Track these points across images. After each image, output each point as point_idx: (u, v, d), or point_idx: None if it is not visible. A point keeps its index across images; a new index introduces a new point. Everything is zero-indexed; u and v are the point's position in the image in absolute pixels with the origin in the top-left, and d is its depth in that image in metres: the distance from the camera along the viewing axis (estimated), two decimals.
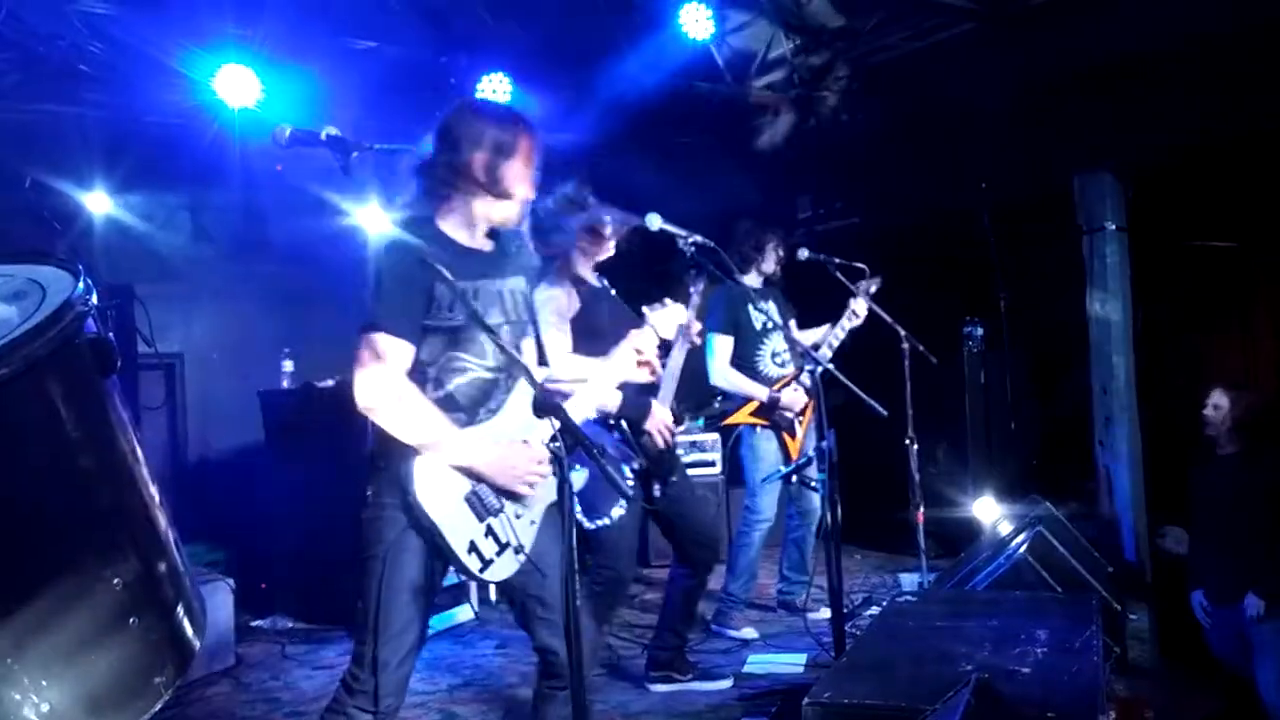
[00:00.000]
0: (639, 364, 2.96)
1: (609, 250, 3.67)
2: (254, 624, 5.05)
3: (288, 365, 5.46)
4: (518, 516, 2.36)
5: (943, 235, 6.21)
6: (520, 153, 2.38)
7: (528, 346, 2.54)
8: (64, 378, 1.14)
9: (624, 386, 3.47)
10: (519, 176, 2.39)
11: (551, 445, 1.99)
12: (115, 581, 1.18)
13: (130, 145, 5.38)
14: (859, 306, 4.64)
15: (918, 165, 6.20)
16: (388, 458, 2.27)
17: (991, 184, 5.79)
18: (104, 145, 5.30)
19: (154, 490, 1.31)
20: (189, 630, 1.31)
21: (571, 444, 1.91)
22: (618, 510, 3.33)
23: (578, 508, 3.30)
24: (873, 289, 4.67)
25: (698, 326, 3.79)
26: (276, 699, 4.08)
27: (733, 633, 4.61)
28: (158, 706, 1.23)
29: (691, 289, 3.79)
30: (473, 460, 2.28)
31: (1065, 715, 2.15)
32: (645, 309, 3.02)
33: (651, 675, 3.93)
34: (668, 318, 3.07)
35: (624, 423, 3.49)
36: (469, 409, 2.34)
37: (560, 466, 1.88)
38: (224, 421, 5.95)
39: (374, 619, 2.25)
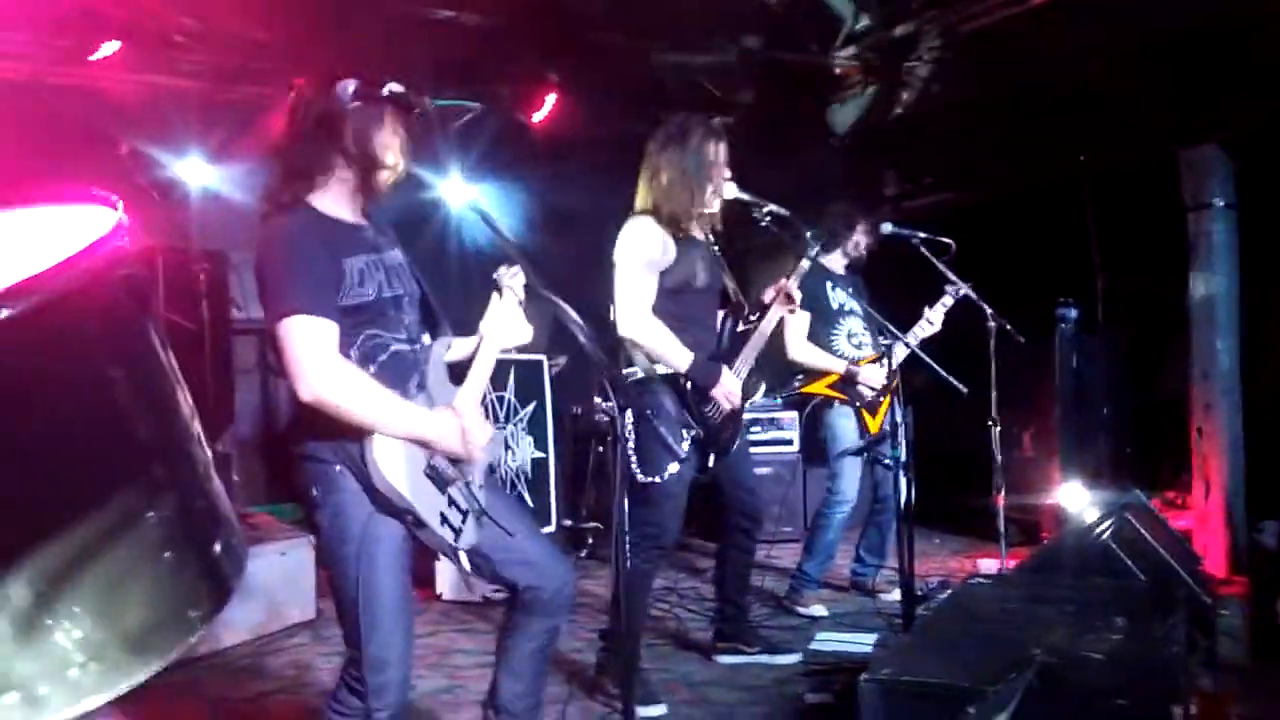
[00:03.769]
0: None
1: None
2: None
3: None
4: (468, 482, 2.34)
5: (1038, 212, 6.00)
6: (387, 120, 2.27)
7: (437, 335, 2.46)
8: (99, 308, 1.15)
9: (696, 351, 3.47)
10: (388, 145, 2.27)
11: (605, 405, 1.98)
12: (150, 514, 1.19)
13: (225, 114, 5.52)
14: (937, 313, 4.53)
15: (1012, 138, 5.97)
16: (335, 454, 2.18)
17: (1091, 158, 5.55)
18: (200, 114, 5.44)
19: (196, 428, 1.32)
20: (226, 568, 1.32)
21: (624, 404, 1.89)
22: (673, 466, 3.30)
23: (633, 459, 3.29)
24: (963, 291, 4.53)
25: (797, 296, 3.72)
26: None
27: (802, 610, 4.56)
28: (193, 639, 1.24)
29: (798, 258, 3.72)
30: (428, 432, 2.21)
31: (1137, 703, 2.06)
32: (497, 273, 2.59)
33: (719, 647, 3.91)
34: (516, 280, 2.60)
35: (689, 386, 3.44)
36: (397, 384, 2.24)
37: (614, 425, 1.86)
38: None
39: (361, 620, 2.18)
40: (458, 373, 2.44)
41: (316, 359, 2.10)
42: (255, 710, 3.55)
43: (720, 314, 3.69)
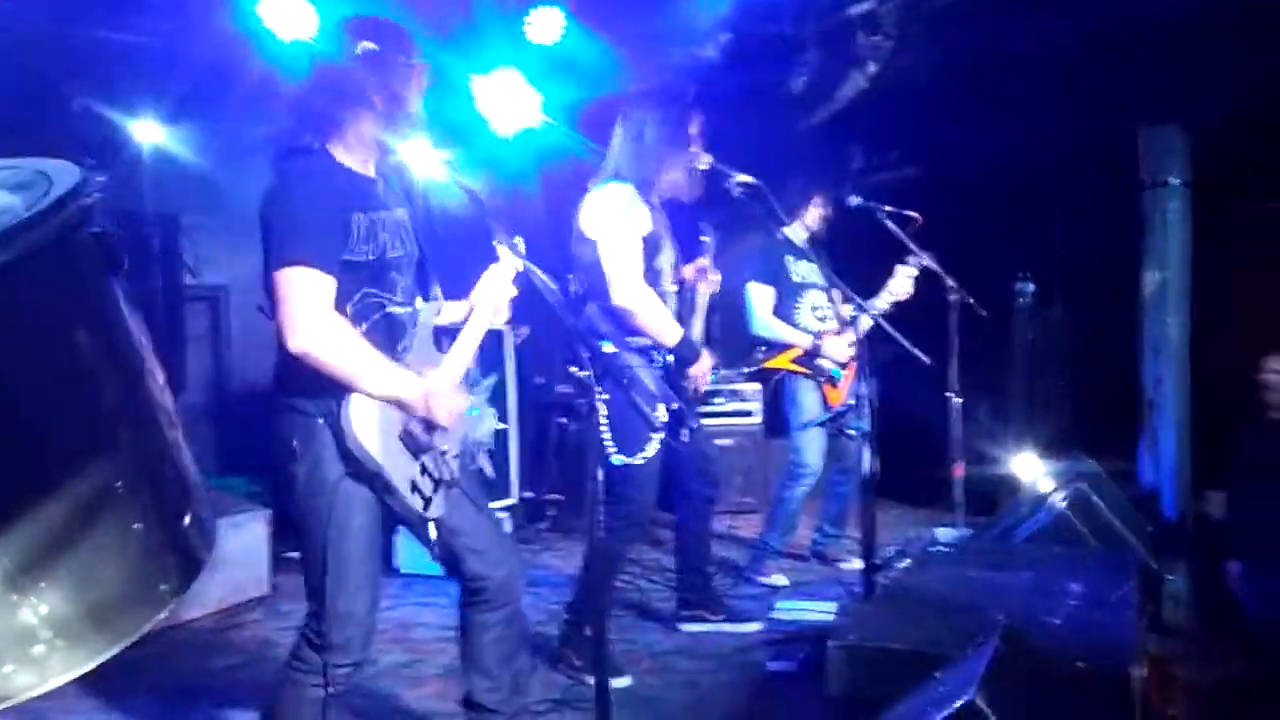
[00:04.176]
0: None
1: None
2: (288, 555, 5.14)
3: None
4: (443, 452, 2.33)
5: (1000, 188, 6.05)
6: (413, 73, 2.30)
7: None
8: (66, 269, 1.12)
9: (685, 325, 3.47)
10: (410, 97, 2.30)
11: (581, 373, 1.97)
12: (118, 484, 1.16)
13: (180, 74, 5.38)
14: (902, 281, 4.56)
15: (977, 115, 6.01)
16: (317, 407, 2.18)
17: (1053, 135, 5.61)
18: (153, 73, 5.29)
19: (165, 398, 1.29)
20: (196, 541, 1.29)
21: (601, 372, 1.88)
22: (650, 448, 3.31)
23: (610, 445, 3.29)
24: (924, 263, 4.57)
25: (716, 275, 3.76)
26: None
27: (763, 579, 4.61)
28: (163, 614, 1.21)
29: (702, 236, 3.76)
30: (407, 394, 2.21)
31: (1097, 666, 2.11)
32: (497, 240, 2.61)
33: (682, 615, 3.94)
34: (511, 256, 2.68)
35: (670, 359, 3.45)
36: (386, 346, 2.25)
37: (589, 395, 1.85)
38: (268, 355, 5.97)
39: (328, 572, 2.17)
40: (446, 339, 2.43)
41: (310, 312, 2.10)
42: (217, 687, 3.51)
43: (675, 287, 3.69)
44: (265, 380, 2.19)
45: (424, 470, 2.27)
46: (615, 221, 3.38)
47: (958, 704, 1.70)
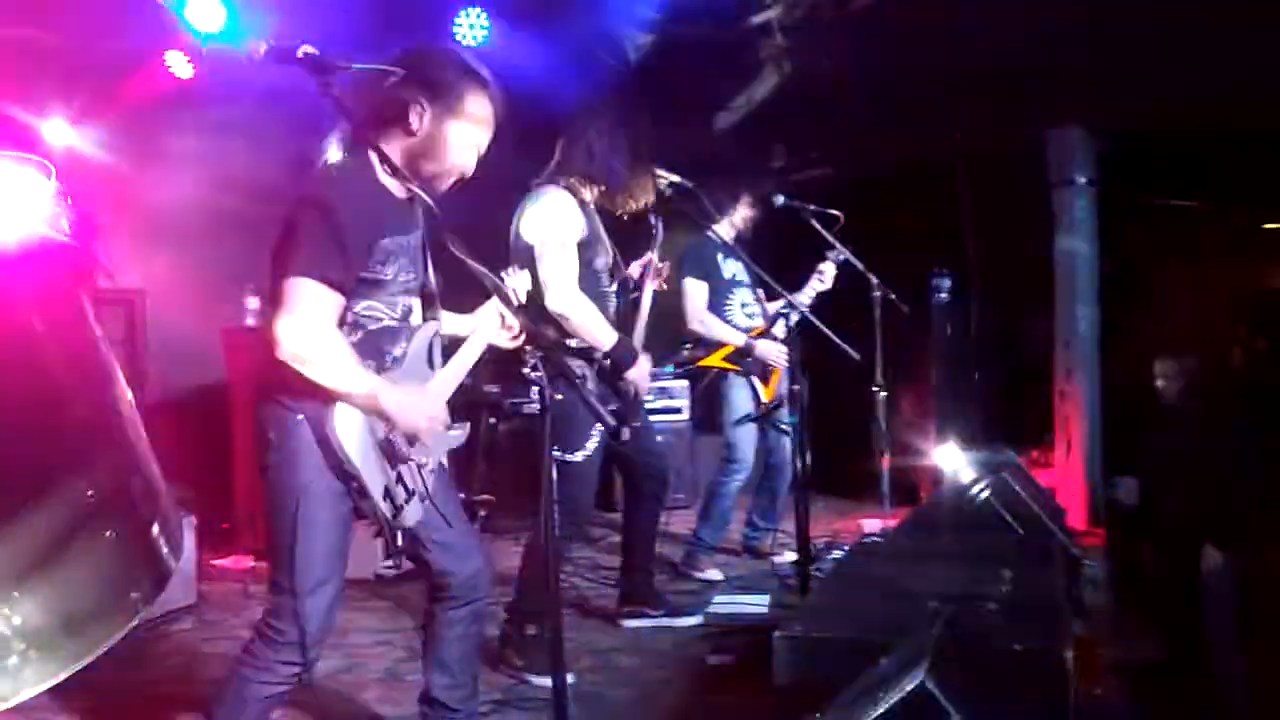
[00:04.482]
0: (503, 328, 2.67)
1: None
2: (214, 562, 5.03)
3: (252, 302, 5.36)
4: (421, 465, 2.36)
5: (916, 186, 6.22)
6: (482, 119, 2.33)
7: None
8: (35, 277, 1.10)
9: (629, 325, 3.50)
10: (469, 141, 2.32)
11: (533, 375, 1.99)
12: (89, 493, 1.15)
13: (90, 72, 5.21)
14: (825, 274, 4.67)
15: (894, 116, 6.18)
16: (299, 404, 2.19)
17: (966, 136, 5.79)
18: (62, 72, 5.12)
19: (131, 409, 1.27)
20: (165, 549, 1.28)
21: (554, 373, 1.90)
22: (590, 444, 3.34)
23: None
24: (842, 259, 4.68)
25: (664, 269, 3.80)
26: (240, 636, 4.05)
27: (698, 574, 4.67)
28: (135, 622, 1.20)
29: (654, 230, 3.81)
30: (390, 406, 2.22)
31: (1031, 648, 2.20)
32: (505, 274, 2.77)
33: (625, 610, 3.97)
34: (520, 282, 2.82)
35: (607, 363, 3.47)
36: (378, 357, 2.29)
37: (542, 396, 1.87)
38: (186, 359, 5.83)
39: (293, 566, 2.18)
40: (433, 357, 2.45)
41: (312, 326, 2.11)
42: (146, 698, 3.42)
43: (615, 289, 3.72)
44: (182, 384, 2.17)
45: (400, 479, 2.28)
46: (552, 227, 3.40)
47: (909, 687, 1.76)
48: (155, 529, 1.26)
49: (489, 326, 2.56)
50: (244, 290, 5.45)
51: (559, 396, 2.77)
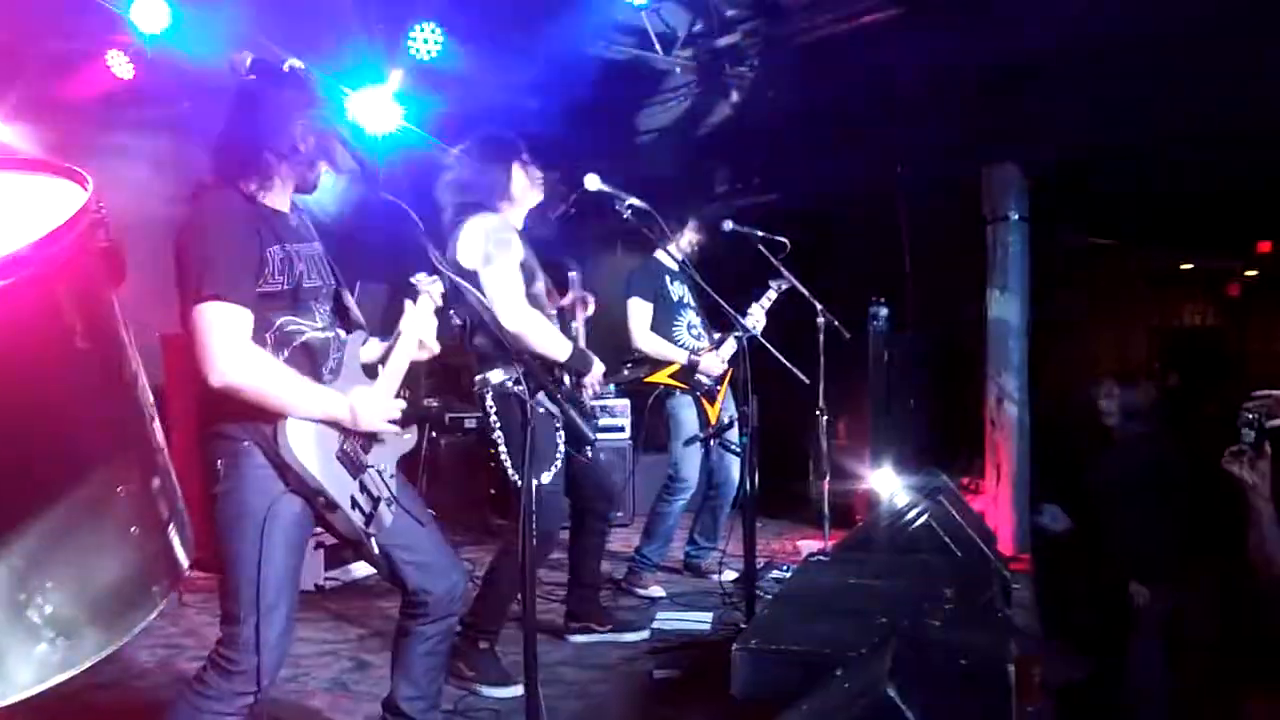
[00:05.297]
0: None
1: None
2: None
3: None
4: (381, 470, 2.38)
5: (856, 217, 6.41)
6: (333, 124, 2.35)
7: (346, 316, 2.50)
8: (77, 285, 1.13)
9: (575, 339, 3.57)
10: (331, 145, 2.35)
11: (516, 389, 2.03)
12: (119, 489, 1.18)
13: (29, 70, 5.11)
14: (769, 300, 4.79)
15: (837, 147, 6.37)
16: (244, 431, 2.19)
17: (906, 169, 5.99)
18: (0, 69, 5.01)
19: (150, 407, 1.30)
20: (181, 545, 1.31)
21: (535, 387, 1.95)
22: (556, 467, 3.38)
23: (508, 464, 3.35)
24: (787, 285, 4.80)
25: (591, 300, 3.89)
26: (179, 645, 4.01)
27: (641, 591, 4.72)
28: (154, 615, 1.23)
29: (570, 271, 3.90)
30: (340, 412, 2.25)
31: (976, 662, 2.31)
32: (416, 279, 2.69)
33: (571, 627, 4.00)
34: (434, 287, 2.76)
35: (567, 375, 3.53)
36: (311, 370, 2.29)
37: (524, 411, 1.92)
38: None
39: (247, 594, 2.17)
40: (371, 370, 2.47)
41: (228, 346, 2.10)
42: (80, 709, 3.34)
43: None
44: None
45: (363, 488, 2.30)
46: (492, 250, 3.44)
47: (873, 697, 1.84)
48: (173, 525, 1.29)
49: (416, 329, 2.54)
50: None
51: (501, 426, 2.80)
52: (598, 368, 3.62)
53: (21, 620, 1.09)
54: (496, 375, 3.36)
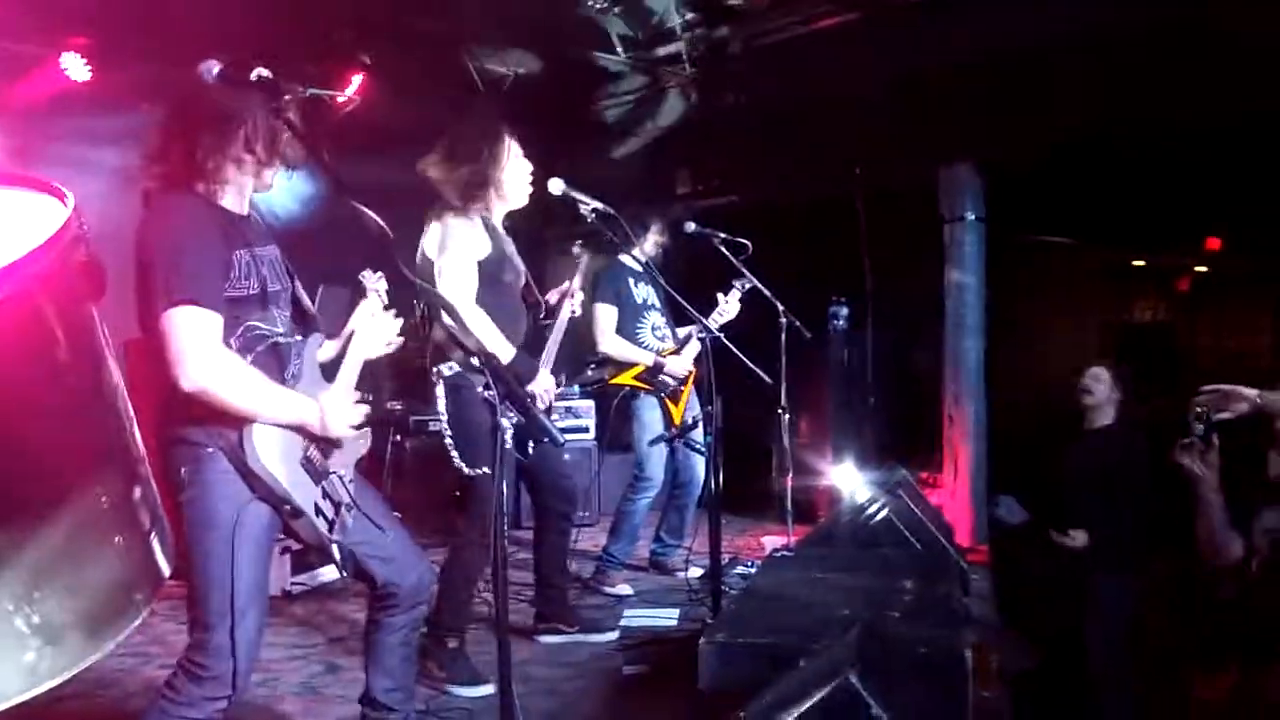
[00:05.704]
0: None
1: None
2: None
3: None
4: (341, 476, 2.41)
5: (815, 217, 6.49)
6: (265, 107, 2.31)
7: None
8: (60, 301, 1.16)
9: (541, 345, 3.59)
10: (286, 143, 2.35)
11: (486, 394, 2.07)
12: (104, 499, 1.21)
13: None
14: (730, 305, 4.82)
15: (796, 148, 6.45)
16: (208, 437, 2.19)
17: (864, 170, 6.08)
18: None
19: (130, 418, 1.33)
20: (161, 553, 1.34)
21: (504, 392, 1.99)
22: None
23: (456, 457, 3.38)
24: (749, 286, 4.86)
25: (580, 296, 3.92)
26: (146, 653, 3.99)
27: (609, 589, 4.77)
28: (138, 622, 1.26)
29: (578, 260, 3.93)
30: (309, 417, 2.26)
31: (936, 651, 2.39)
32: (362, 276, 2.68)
33: (539, 628, 4.04)
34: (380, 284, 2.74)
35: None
36: (274, 374, 2.30)
37: (493, 413, 1.96)
38: None
39: (218, 601, 2.18)
40: (328, 371, 2.48)
41: (200, 350, 2.11)
42: (47, 715, 3.33)
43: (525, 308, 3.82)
44: None
45: (325, 494, 2.33)
46: (451, 248, 3.48)
47: (835, 683, 1.91)
48: (154, 533, 1.32)
49: (366, 330, 2.54)
50: None
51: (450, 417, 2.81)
52: (544, 379, 3.64)
53: (10, 629, 1.12)
54: (448, 368, 3.40)
